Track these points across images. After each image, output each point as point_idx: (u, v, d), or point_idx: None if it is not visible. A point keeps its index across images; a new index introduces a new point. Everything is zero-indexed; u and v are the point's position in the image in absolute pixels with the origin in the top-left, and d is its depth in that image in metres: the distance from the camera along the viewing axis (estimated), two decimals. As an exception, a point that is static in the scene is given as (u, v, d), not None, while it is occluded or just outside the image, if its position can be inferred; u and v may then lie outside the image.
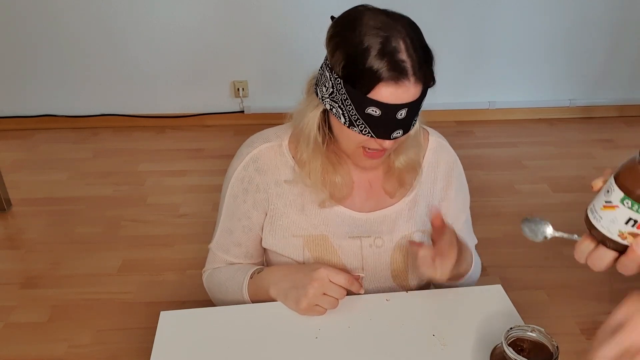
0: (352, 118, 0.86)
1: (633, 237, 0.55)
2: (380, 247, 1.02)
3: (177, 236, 2.32)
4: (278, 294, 0.96)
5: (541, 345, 0.76)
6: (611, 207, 0.55)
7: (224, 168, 1.07)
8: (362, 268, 1.03)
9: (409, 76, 0.81)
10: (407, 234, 1.03)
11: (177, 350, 0.88)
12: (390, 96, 0.82)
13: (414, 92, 0.83)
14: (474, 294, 1.00)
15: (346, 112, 0.86)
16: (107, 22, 3.05)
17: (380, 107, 0.83)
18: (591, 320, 1.87)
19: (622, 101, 3.49)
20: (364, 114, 0.84)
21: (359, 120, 0.85)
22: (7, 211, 2.48)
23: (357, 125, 0.86)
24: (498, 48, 3.27)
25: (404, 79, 0.81)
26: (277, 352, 0.87)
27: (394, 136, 0.87)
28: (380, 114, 0.83)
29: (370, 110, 0.83)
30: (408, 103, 0.83)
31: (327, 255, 1.01)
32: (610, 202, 0.55)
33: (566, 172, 2.85)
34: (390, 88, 0.82)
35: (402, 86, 0.82)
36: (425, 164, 1.05)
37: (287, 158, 1.01)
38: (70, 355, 1.74)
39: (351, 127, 0.87)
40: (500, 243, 2.25)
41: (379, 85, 0.81)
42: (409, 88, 0.82)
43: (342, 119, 0.87)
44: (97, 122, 3.30)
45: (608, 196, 0.56)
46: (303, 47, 3.04)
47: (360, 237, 1.02)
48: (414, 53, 0.82)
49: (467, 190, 1.12)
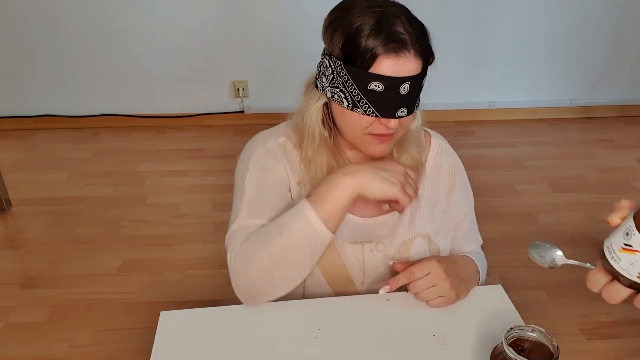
0: (355, 99, 0.86)
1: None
2: (381, 252, 1.02)
3: (177, 236, 2.32)
4: (364, 174, 0.86)
5: (541, 345, 0.76)
6: (632, 251, 0.54)
7: (224, 168, 1.07)
8: (363, 272, 1.03)
9: (409, 47, 0.83)
10: (408, 239, 1.03)
11: (177, 350, 0.88)
12: (391, 69, 0.83)
13: (415, 64, 0.84)
14: (474, 294, 1.00)
15: (349, 95, 0.86)
16: (107, 22, 3.05)
17: (382, 81, 0.83)
18: (591, 320, 1.87)
19: (622, 101, 3.49)
20: (367, 91, 0.84)
21: (362, 100, 0.85)
22: (7, 211, 2.48)
23: (361, 105, 0.86)
24: (498, 48, 3.27)
25: (404, 50, 0.82)
26: (277, 352, 0.87)
27: (399, 114, 0.87)
28: (383, 89, 0.84)
29: (373, 85, 0.84)
30: (410, 77, 0.84)
31: (330, 256, 1.01)
32: (631, 246, 0.54)
33: (566, 172, 2.85)
34: (391, 60, 0.82)
35: (402, 57, 0.82)
36: (427, 166, 1.05)
37: (295, 157, 1.00)
38: (70, 355, 1.74)
39: (355, 109, 0.87)
40: (500, 243, 2.25)
41: (379, 59, 0.82)
42: (410, 59, 0.83)
43: (345, 102, 0.87)
44: (97, 122, 3.30)
45: (628, 239, 0.54)
46: (303, 47, 3.03)
47: (362, 242, 1.02)
48: (410, 28, 0.84)
49: (470, 192, 1.12)
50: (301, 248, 0.86)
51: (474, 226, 1.13)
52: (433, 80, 0.88)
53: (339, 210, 0.86)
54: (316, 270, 1.02)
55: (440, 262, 0.94)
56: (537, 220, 2.43)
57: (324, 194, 0.86)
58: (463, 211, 1.09)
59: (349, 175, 0.86)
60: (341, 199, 0.86)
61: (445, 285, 0.93)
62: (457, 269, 0.98)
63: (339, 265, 1.02)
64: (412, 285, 0.93)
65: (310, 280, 1.03)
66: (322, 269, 1.02)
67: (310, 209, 0.86)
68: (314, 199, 0.87)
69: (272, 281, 0.89)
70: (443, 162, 1.06)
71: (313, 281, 1.03)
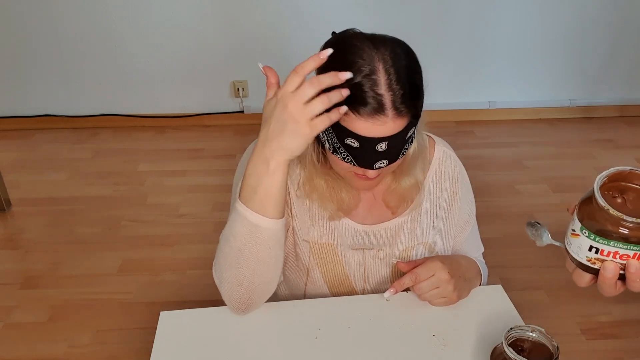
0: (334, 145, 0.84)
1: (601, 262, 0.57)
2: (382, 259, 1.02)
3: (177, 236, 2.32)
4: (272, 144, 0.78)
5: (541, 345, 0.76)
6: (576, 235, 0.58)
7: (224, 168, 1.07)
8: (364, 279, 1.03)
9: (385, 111, 0.78)
10: (409, 246, 1.03)
11: (177, 350, 0.88)
12: (365, 130, 0.79)
13: (393, 126, 0.79)
14: (474, 294, 1.00)
15: (329, 139, 0.84)
16: (107, 22, 3.05)
17: (357, 140, 0.80)
18: (591, 320, 1.87)
19: (622, 101, 3.49)
20: (344, 143, 0.82)
21: (341, 148, 0.83)
22: (7, 211, 2.48)
23: (340, 152, 0.84)
24: (498, 48, 3.26)
25: (379, 114, 0.78)
26: (277, 352, 0.87)
27: (377, 166, 0.84)
28: (359, 146, 0.81)
29: (349, 141, 0.81)
30: (387, 137, 0.80)
31: (331, 263, 1.01)
32: (574, 230, 0.58)
33: (566, 172, 2.85)
34: (363, 122, 0.79)
35: (378, 120, 0.78)
36: (430, 173, 1.04)
37: (294, 165, 0.99)
38: (70, 355, 1.74)
39: (335, 153, 0.85)
40: (500, 243, 2.25)
41: (354, 118, 0.79)
42: (386, 122, 0.79)
43: (327, 144, 0.85)
44: (97, 122, 3.30)
45: (573, 224, 0.59)
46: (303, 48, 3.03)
47: (363, 249, 1.02)
48: (396, 86, 0.78)
49: (472, 200, 1.11)
50: (253, 248, 0.83)
51: (475, 234, 1.12)
52: (433, 80, 0.87)
53: (275, 194, 0.81)
54: (317, 276, 1.02)
55: (444, 263, 0.94)
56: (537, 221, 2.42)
57: (255, 187, 0.81)
58: (464, 219, 1.08)
59: (265, 162, 0.79)
60: (275, 181, 0.80)
61: (449, 287, 0.93)
62: (461, 270, 0.98)
63: (340, 272, 1.02)
64: (416, 287, 0.93)
65: (311, 286, 1.03)
66: (323, 275, 1.02)
67: (244, 207, 0.82)
68: (245, 195, 0.82)
69: (248, 289, 0.87)
70: (446, 169, 1.05)
71: (314, 287, 1.03)
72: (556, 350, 0.73)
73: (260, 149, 0.80)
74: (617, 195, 0.57)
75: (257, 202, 0.81)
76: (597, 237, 0.55)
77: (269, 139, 0.78)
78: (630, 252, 0.55)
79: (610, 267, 0.56)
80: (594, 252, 0.56)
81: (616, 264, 0.56)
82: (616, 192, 0.57)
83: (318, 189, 0.96)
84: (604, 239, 0.55)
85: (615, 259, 0.56)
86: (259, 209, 0.81)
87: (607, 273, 0.56)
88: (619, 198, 0.57)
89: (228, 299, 0.90)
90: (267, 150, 0.79)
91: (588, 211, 0.56)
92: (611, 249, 0.55)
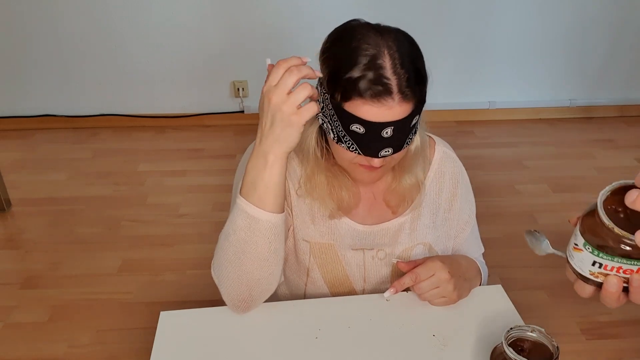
0: (339, 134, 0.84)
1: (604, 276, 0.57)
2: (382, 259, 1.02)
3: (177, 236, 2.32)
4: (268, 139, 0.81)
5: (541, 345, 0.76)
6: (578, 249, 0.58)
7: (224, 168, 1.07)
8: (364, 279, 1.03)
9: (392, 94, 0.79)
10: (409, 246, 1.03)
11: (177, 350, 0.88)
12: (371, 114, 0.80)
13: (400, 110, 0.80)
14: (474, 294, 1.00)
15: (334, 128, 0.84)
16: (107, 22, 3.05)
17: (363, 125, 0.81)
18: (591, 320, 1.87)
19: (622, 101, 3.49)
20: (349, 130, 0.82)
21: (346, 136, 0.83)
22: (7, 211, 2.48)
23: (345, 141, 0.84)
24: (498, 48, 3.26)
25: (386, 97, 0.79)
26: (277, 352, 0.87)
27: (382, 154, 0.84)
28: (364, 132, 0.81)
29: (354, 127, 0.81)
30: (394, 122, 0.81)
31: (331, 263, 1.01)
32: (577, 244, 0.58)
33: (566, 172, 2.85)
34: (370, 106, 0.79)
35: (384, 104, 0.79)
36: (430, 174, 1.04)
37: (295, 165, 1.00)
38: (70, 355, 1.74)
39: (339, 143, 0.85)
40: (500, 243, 2.25)
41: (360, 103, 0.80)
42: (393, 106, 0.80)
43: (331, 134, 0.86)
44: (97, 122, 3.30)
45: (575, 238, 0.58)
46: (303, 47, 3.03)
47: (363, 249, 1.02)
48: (401, 70, 0.79)
49: (472, 201, 1.11)
50: (253, 241, 0.85)
51: (475, 234, 1.13)
52: (433, 80, 0.87)
53: (274, 187, 0.83)
54: (317, 276, 1.02)
55: (444, 262, 0.94)
56: (537, 220, 2.42)
57: (254, 182, 0.83)
58: (464, 219, 1.08)
59: (263, 156, 0.82)
60: (274, 175, 0.82)
61: (449, 287, 0.93)
62: (461, 269, 0.98)
63: (340, 272, 1.02)
64: (416, 287, 0.93)
65: (311, 286, 1.04)
66: (323, 275, 1.02)
67: (244, 201, 0.84)
68: (245, 190, 0.84)
69: (247, 285, 0.88)
70: (447, 170, 1.05)
71: (314, 287, 1.03)
72: (556, 350, 0.73)
73: (258, 145, 0.83)
74: (620, 209, 0.57)
75: (257, 196, 0.84)
76: (600, 253, 0.55)
77: (264, 135, 0.82)
78: (634, 267, 0.55)
79: (613, 282, 0.56)
80: (597, 266, 0.56)
81: (619, 278, 0.56)
82: (619, 205, 0.57)
83: (319, 187, 0.96)
84: (607, 254, 0.55)
85: (619, 273, 0.56)
86: (258, 202, 0.84)
87: (610, 287, 0.56)
88: (621, 213, 0.56)
89: (228, 297, 0.91)
90: (264, 146, 0.82)
91: (591, 226, 0.56)
92: (615, 264, 0.55)
